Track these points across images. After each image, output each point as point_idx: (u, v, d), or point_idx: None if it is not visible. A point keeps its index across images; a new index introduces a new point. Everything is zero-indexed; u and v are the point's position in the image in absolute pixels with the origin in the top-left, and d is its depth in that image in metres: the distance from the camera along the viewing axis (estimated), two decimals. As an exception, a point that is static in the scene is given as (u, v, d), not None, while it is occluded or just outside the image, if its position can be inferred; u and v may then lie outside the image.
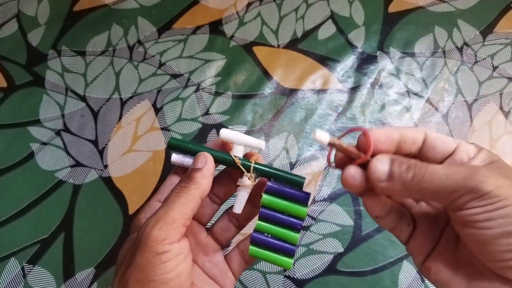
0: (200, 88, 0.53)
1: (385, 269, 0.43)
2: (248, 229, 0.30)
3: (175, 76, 0.54)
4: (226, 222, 0.31)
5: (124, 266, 0.25)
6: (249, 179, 0.28)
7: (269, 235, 0.28)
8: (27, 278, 0.44)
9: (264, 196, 0.28)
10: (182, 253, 0.24)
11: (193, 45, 0.56)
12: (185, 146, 0.29)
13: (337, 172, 0.47)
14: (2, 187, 0.49)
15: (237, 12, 0.58)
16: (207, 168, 0.27)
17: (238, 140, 0.28)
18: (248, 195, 0.29)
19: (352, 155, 0.24)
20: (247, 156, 0.29)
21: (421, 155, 0.24)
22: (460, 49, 0.54)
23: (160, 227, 0.24)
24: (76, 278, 0.44)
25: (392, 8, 0.57)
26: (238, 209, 0.29)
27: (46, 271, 0.45)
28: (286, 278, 0.43)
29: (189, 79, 0.54)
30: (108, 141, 0.51)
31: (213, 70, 0.54)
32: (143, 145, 0.50)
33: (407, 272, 0.43)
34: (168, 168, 0.49)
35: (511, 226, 0.19)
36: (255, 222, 0.28)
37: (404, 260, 0.43)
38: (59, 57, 0.56)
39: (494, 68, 0.52)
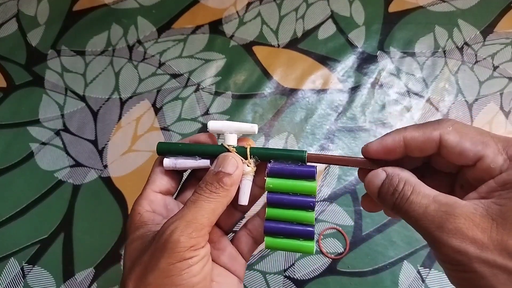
0: (200, 88, 0.53)
1: (385, 269, 0.43)
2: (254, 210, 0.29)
3: (175, 76, 0.54)
4: (229, 206, 0.29)
5: (140, 268, 0.23)
6: (248, 165, 0.26)
7: (283, 221, 0.26)
8: (26, 278, 0.44)
9: (268, 179, 0.26)
10: (206, 256, 0.24)
11: (193, 44, 0.56)
12: (176, 147, 0.27)
13: (337, 172, 0.47)
14: (1, 187, 0.49)
15: (237, 12, 0.58)
16: (237, 174, 0.25)
17: (228, 128, 0.27)
18: (251, 182, 0.27)
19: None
20: (240, 143, 0.28)
21: (442, 158, 0.23)
22: (460, 49, 0.53)
23: (189, 234, 0.23)
24: (76, 278, 0.44)
25: (392, 8, 0.57)
26: (244, 200, 0.27)
27: (45, 271, 0.45)
28: (286, 278, 0.43)
29: (189, 79, 0.54)
30: (108, 141, 0.50)
31: (213, 70, 0.54)
32: (142, 145, 0.50)
33: (408, 272, 0.42)
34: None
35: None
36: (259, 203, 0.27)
37: (405, 260, 0.43)
38: (58, 57, 0.56)
39: (495, 68, 0.52)
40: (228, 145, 0.27)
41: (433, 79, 0.52)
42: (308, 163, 0.26)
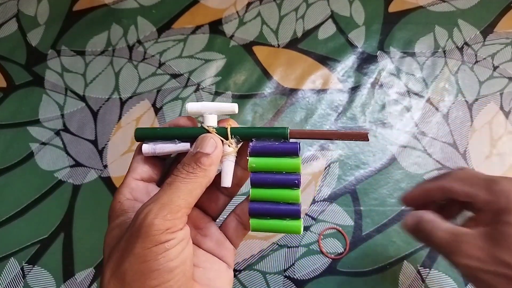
0: (200, 88, 0.53)
1: (385, 269, 0.43)
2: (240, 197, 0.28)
3: (175, 76, 0.54)
4: (213, 190, 0.28)
5: (117, 256, 0.22)
6: (229, 145, 0.26)
7: (268, 201, 0.25)
8: (26, 278, 0.44)
9: (251, 159, 0.25)
10: (184, 239, 0.23)
11: (193, 45, 0.56)
12: (154, 132, 0.26)
13: (337, 172, 0.47)
14: (1, 187, 0.49)
15: (237, 12, 0.58)
16: (216, 154, 0.24)
17: (208, 109, 0.26)
18: (234, 163, 0.26)
19: None
20: (221, 124, 0.27)
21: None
22: (460, 49, 0.53)
23: (164, 216, 0.22)
24: (75, 278, 0.44)
25: (392, 8, 0.57)
26: (227, 182, 0.26)
27: (45, 271, 0.45)
28: (286, 278, 0.43)
29: (189, 79, 0.54)
30: (108, 141, 0.50)
31: (213, 70, 0.54)
32: (142, 145, 0.50)
33: (407, 272, 0.42)
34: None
35: None
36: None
37: (405, 261, 0.43)
38: (58, 57, 0.56)
39: (495, 68, 0.52)
40: (208, 126, 0.26)
41: (433, 79, 0.52)
42: (291, 140, 0.25)
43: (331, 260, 0.43)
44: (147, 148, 0.27)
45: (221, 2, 0.58)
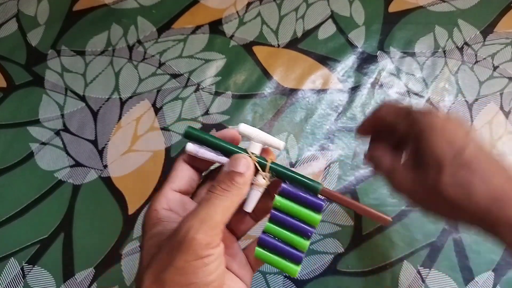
0: (200, 88, 0.53)
1: (385, 269, 0.43)
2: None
3: (175, 76, 0.54)
4: (242, 212, 0.30)
5: (157, 265, 0.24)
6: (264, 178, 0.27)
7: (278, 239, 0.27)
8: (26, 278, 0.44)
9: (277, 197, 0.27)
10: (220, 255, 0.24)
11: (193, 45, 0.56)
12: (203, 137, 0.28)
13: (337, 172, 0.47)
14: (1, 187, 0.49)
15: (237, 12, 0.58)
16: (249, 174, 0.26)
17: (257, 137, 0.27)
18: (260, 194, 0.28)
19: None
20: (263, 154, 0.28)
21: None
22: (460, 49, 0.53)
23: (205, 231, 0.23)
24: (76, 278, 0.44)
25: (392, 8, 0.57)
26: (249, 207, 0.28)
27: (45, 271, 0.45)
28: (286, 278, 0.43)
29: (189, 79, 0.54)
30: (108, 141, 0.50)
31: (213, 70, 0.54)
32: (143, 145, 0.50)
33: (408, 272, 0.42)
34: (168, 168, 0.48)
35: None
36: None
37: (405, 260, 0.43)
38: (58, 57, 0.56)
39: (495, 68, 0.52)
40: (252, 153, 0.27)
41: (433, 79, 0.52)
42: (320, 196, 0.27)
43: (331, 260, 0.43)
44: (192, 147, 0.28)
45: (221, 2, 0.58)
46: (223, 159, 0.28)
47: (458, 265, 0.42)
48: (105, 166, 0.49)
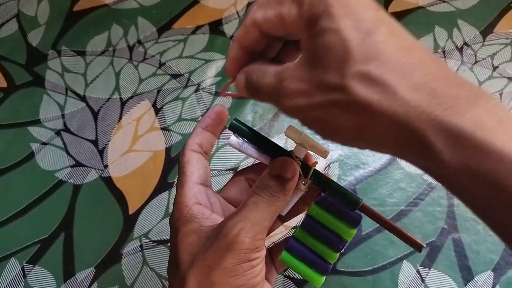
0: (200, 88, 0.53)
1: (385, 269, 0.43)
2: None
3: (175, 76, 0.54)
4: None
5: (202, 265, 0.23)
6: (304, 184, 0.27)
7: (307, 246, 0.27)
8: (27, 278, 0.44)
9: (314, 206, 0.27)
10: (264, 258, 0.24)
11: (193, 45, 0.56)
12: (247, 131, 0.27)
13: (337, 172, 0.48)
14: (2, 187, 0.49)
15: (237, 12, 0.58)
16: (295, 180, 0.26)
17: (304, 141, 0.27)
18: (298, 199, 0.27)
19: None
20: (306, 160, 0.28)
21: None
22: (460, 49, 0.54)
23: (254, 236, 0.23)
24: (76, 278, 0.44)
25: (392, 8, 0.57)
26: (284, 211, 0.27)
27: (46, 271, 0.45)
28: (286, 278, 0.43)
29: (189, 79, 0.54)
30: (108, 141, 0.51)
31: (213, 70, 0.54)
32: (143, 145, 0.50)
33: (407, 272, 0.43)
34: (168, 168, 0.49)
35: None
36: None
37: (404, 260, 0.43)
38: (59, 57, 0.56)
39: (494, 68, 0.52)
40: (296, 157, 0.27)
41: (433, 79, 0.52)
42: (358, 211, 0.27)
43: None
44: (235, 141, 0.27)
45: (221, 2, 0.58)
46: (265, 158, 0.27)
47: (458, 264, 0.42)
48: (106, 166, 0.49)
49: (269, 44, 0.25)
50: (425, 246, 0.26)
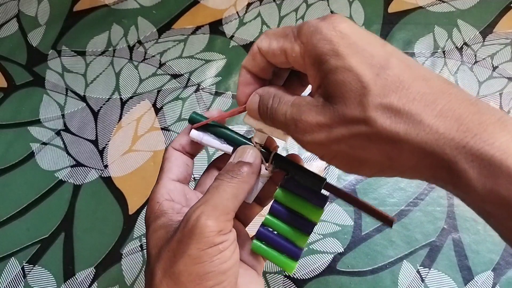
0: (200, 88, 0.53)
1: (385, 269, 0.43)
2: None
3: (175, 76, 0.54)
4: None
5: (168, 256, 0.22)
6: (266, 169, 0.27)
7: (277, 233, 0.26)
8: (27, 278, 0.44)
9: (279, 190, 0.26)
10: (234, 241, 0.23)
11: (193, 45, 0.56)
12: (207, 123, 0.27)
13: (337, 172, 0.48)
14: (2, 187, 0.49)
15: (237, 12, 0.58)
16: (256, 164, 0.25)
17: (262, 126, 0.27)
18: (262, 185, 0.27)
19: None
20: (266, 145, 0.28)
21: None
22: (460, 49, 0.54)
23: (217, 217, 0.22)
24: (76, 278, 0.44)
25: (392, 8, 0.57)
26: (250, 198, 0.27)
27: (46, 271, 0.45)
28: (286, 278, 0.43)
29: (189, 79, 0.54)
30: (108, 141, 0.51)
31: (213, 70, 0.54)
32: (143, 145, 0.50)
33: (407, 272, 0.43)
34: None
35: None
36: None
37: (404, 260, 0.43)
38: (59, 57, 0.56)
39: (494, 68, 0.52)
40: (256, 142, 0.27)
41: (433, 79, 0.52)
42: (324, 191, 0.26)
43: (331, 259, 0.43)
44: (196, 134, 0.27)
45: (221, 3, 0.58)
46: (227, 147, 0.27)
47: (458, 264, 0.42)
48: (106, 166, 0.49)
49: (275, 73, 0.26)
50: (396, 220, 0.26)
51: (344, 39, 0.20)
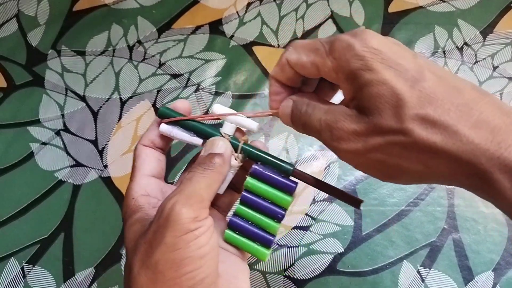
0: (200, 88, 0.53)
1: (385, 269, 0.43)
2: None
3: (175, 76, 0.54)
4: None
5: (144, 247, 0.23)
6: (235, 159, 0.27)
7: (249, 222, 0.27)
8: (27, 278, 0.44)
9: (248, 179, 0.26)
10: (211, 226, 0.24)
11: (193, 45, 0.56)
12: (176, 117, 0.28)
13: (337, 172, 0.47)
14: (2, 187, 0.49)
15: (237, 12, 0.58)
16: (227, 154, 0.26)
17: (230, 117, 0.27)
18: (232, 176, 0.27)
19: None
20: (236, 135, 0.28)
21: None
22: (460, 49, 0.54)
23: (191, 205, 0.22)
24: (76, 278, 0.44)
25: (392, 8, 0.57)
26: (221, 189, 0.27)
27: (46, 271, 0.45)
28: (286, 278, 0.43)
29: (189, 79, 0.54)
30: (108, 141, 0.51)
31: (213, 70, 0.54)
32: (143, 145, 0.50)
33: (407, 272, 0.43)
34: (168, 168, 0.48)
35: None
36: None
37: (404, 260, 0.43)
38: (59, 57, 0.56)
39: (494, 68, 0.52)
40: (225, 133, 0.27)
41: (433, 79, 0.52)
42: (293, 178, 0.27)
43: (331, 260, 0.43)
44: (165, 128, 0.27)
45: (221, 2, 0.58)
46: (196, 140, 0.28)
47: (458, 265, 0.42)
48: (105, 166, 0.49)
49: (304, 81, 0.27)
50: (364, 201, 0.26)
51: (377, 55, 0.22)
